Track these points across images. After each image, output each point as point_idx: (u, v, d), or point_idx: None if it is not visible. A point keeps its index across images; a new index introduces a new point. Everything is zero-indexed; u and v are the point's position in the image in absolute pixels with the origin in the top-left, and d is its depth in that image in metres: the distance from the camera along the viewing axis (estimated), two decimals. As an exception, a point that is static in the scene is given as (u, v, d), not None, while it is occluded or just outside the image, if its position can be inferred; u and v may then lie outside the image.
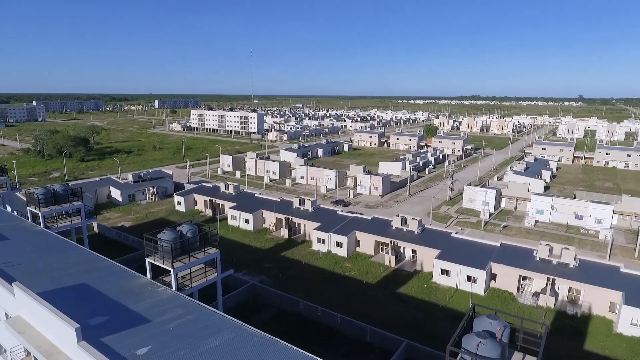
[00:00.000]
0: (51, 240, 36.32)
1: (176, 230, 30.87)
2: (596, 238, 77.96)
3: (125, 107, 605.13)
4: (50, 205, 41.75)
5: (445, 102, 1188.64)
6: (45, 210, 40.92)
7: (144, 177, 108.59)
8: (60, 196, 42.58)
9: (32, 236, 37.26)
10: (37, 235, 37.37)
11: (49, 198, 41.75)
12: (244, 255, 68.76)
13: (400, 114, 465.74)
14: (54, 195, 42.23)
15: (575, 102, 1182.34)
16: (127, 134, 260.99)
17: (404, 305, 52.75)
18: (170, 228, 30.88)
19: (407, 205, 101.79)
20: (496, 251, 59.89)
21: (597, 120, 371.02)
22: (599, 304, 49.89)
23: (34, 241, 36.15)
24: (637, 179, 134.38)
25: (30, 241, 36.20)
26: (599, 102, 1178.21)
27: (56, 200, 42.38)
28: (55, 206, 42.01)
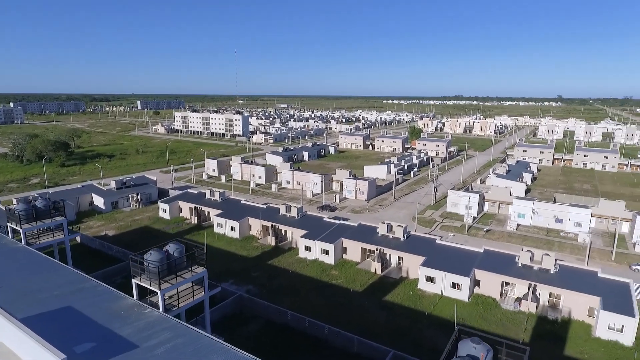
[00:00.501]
0: (33, 259, 35.63)
1: (162, 250, 30.68)
2: (575, 241, 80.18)
3: (106, 108, 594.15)
4: (31, 222, 40.88)
5: (429, 102, 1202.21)
6: (27, 226, 40.05)
7: (127, 183, 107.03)
8: (41, 212, 41.69)
9: (13, 254, 36.49)
10: (18, 254, 36.61)
11: (30, 214, 40.89)
12: (230, 264, 68.53)
13: (384, 115, 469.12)
14: (35, 210, 41.38)
15: (554, 102, 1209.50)
16: (109, 137, 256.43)
17: (390, 313, 53.40)
18: (156, 248, 30.67)
19: (392, 210, 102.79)
20: (480, 257, 61.11)
21: (575, 121, 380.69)
22: (578, 309, 51.44)
23: (15, 260, 35.42)
24: (613, 180, 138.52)
25: (11, 260, 35.46)
26: (577, 102, 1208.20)
27: (38, 215, 41.50)
28: (37, 222, 41.16)
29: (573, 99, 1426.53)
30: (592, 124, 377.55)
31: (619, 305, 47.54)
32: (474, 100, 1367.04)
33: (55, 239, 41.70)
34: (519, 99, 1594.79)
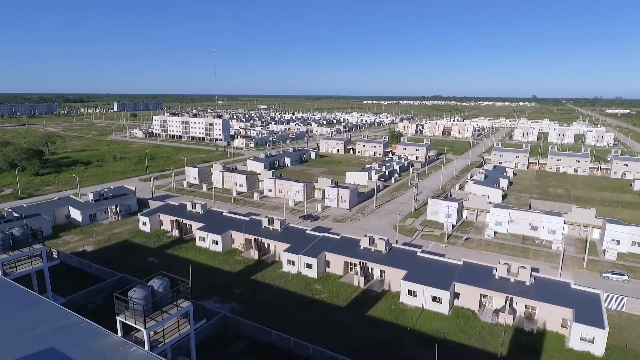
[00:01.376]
0: (12, 292, 34.87)
1: (147, 286, 30.59)
2: (549, 249, 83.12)
3: (81, 110, 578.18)
4: (8, 251, 39.92)
5: (409, 102, 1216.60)
6: (4, 256, 39.08)
7: (106, 194, 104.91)
8: (19, 240, 40.75)
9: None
10: None
11: (7, 243, 39.91)
12: (213, 280, 68.29)
13: (365, 117, 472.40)
14: (12, 239, 40.41)
15: (529, 102, 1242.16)
16: (85, 142, 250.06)
17: (373, 328, 54.37)
18: (141, 284, 30.54)
19: (374, 218, 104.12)
20: (459, 270, 62.80)
21: (549, 123, 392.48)
22: (552, 320, 53.58)
23: (-8, 294, 34.64)
24: (584, 184, 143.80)
25: (-12, 294, 34.65)
26: (551, 102, 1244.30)
27: (15, 244, 40.52)
28: (15, 251, 40.21)
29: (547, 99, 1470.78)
30: (565, 125, 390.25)
31: (590, 317, 49.77)
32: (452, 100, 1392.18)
33: (33, 267, 40.84)
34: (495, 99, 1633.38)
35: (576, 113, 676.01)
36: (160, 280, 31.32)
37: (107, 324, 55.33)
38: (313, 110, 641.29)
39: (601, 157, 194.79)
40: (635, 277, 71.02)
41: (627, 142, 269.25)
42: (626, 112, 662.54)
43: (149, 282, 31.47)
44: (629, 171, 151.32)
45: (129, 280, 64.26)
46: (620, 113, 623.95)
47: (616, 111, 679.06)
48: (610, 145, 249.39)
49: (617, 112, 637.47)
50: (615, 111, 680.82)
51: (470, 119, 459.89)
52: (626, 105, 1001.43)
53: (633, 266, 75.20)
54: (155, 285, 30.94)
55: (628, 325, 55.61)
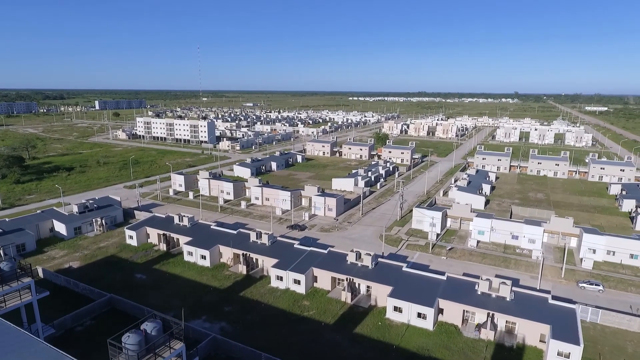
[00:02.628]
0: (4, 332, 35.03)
1: (140, 331, 31.15)
2: (529, 258, 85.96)
3: (61, 109, 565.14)
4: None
5: (394, 99, 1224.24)
6: (-7, 293, 39.21)
7: (90, 206, 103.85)
8: (8, 275, 40.73)
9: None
10: (-15, 326, 35.86)
11: (-5, 278, 39.99)
12: (203, 297, 68.81)
13: (351, 115, 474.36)
14: (0, 275, 40.38)
15: (511, 98, 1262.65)
16: (67, 145, 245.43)
17: (360, 347, 55.84)
18: (134, 330, 31.07)
19: (360, 227, 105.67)
20: (443, 285, 64.76)
21: (530, 121, 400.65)
22: (531, 335, 55.95)
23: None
24: (563, 188, 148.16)
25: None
26: (532, 98, 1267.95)
27: (3, 279, 40.50)
28: (3, 286, 40.22)
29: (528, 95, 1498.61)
30: (545, 123, 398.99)
31: (566, 334, 52.16)
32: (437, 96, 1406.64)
33: (22, 301, 40.88)
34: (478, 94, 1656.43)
35: (556, 110, 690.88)
36: (153, 323, 31.92)
37: (97, 346, 55.90)
38: (299, 109, 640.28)
39: (580, 159, 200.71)
40: (610, 287, 74.19)
41: (604, 142, 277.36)
42: (604, 109, 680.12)
43: (142, 326, 32.07)
44: (606, 174, 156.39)
45: (117, 300, 64.41)
46: (598, 111, 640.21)
47: (595, 108, 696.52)
48: (589, 146, 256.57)
49: (596, 110, 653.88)
50: (594, 108, 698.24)
51: (454, 117, 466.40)
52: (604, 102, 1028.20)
53: (608, 275, 78.45)
54: (148, 328, 31.54)
55: (602, 338, 58.36)
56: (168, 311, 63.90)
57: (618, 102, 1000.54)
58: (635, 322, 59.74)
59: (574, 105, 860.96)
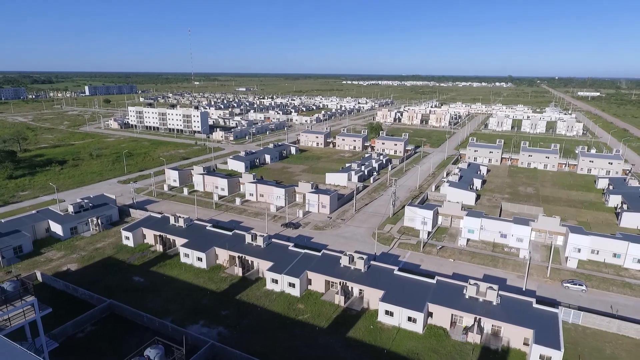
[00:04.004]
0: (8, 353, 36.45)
1: (143, 357, 32.76)
2: (517, 257, 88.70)
3: (50, 94, 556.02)
4: (1, 307, 41.20)
5: (388, 83, 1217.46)
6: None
7: (86, 205, 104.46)
8: (11, 295, 41.93)
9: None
10: None
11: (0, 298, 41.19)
12: (200, 301, 70.66)
13: (344, 102, 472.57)
14: (4, 295, 41.62)
15: (505, 82, 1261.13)
16: (58, 135, 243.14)
17: (353, 352, 58.23)
18: (138, 357, 32.65)
19: (354, 225, 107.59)
20: (433, 289, 67.15)
21: (523, 108, 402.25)
22: (516, 339, 58.72)
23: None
24: (553, 181, 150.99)
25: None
26: (526, 82, 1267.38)
27: (7, 299, 41.73)
28: (8, 306, 41.48)
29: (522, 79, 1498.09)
30: (538, 110, 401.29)
31: (548, 338, 54.91)
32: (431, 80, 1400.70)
33: (26, 319, 42.24)
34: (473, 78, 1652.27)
35: (549, 96, 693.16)
36: (155, 349, 33.56)
37: (98, 352, 57.77)
38: (292, 94, 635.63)
39: (570, 150, 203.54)
40: (592, 287, 77.21)
41: (595, 131, 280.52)
42: (596, 94, 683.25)
43: (145, 352, 33.71)
44: (594, 167, 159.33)
45: (117, 306, 66.02)
46: (590, 96, 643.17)
47: (587, 94, 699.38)
48: (580, 135, 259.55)
49: (588, 96, 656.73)
50: (587, 94, 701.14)
51: (448, 103, 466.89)
52: (597, 86, 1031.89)
53: (591, 275, 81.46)
54: (151, 355, 33.20)
55: (582, 340, 61.34)
56: (166, 316, 65.77)
57: (610, 87, 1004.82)
58: (614, 324, 62.71)
59: (567, 90, 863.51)
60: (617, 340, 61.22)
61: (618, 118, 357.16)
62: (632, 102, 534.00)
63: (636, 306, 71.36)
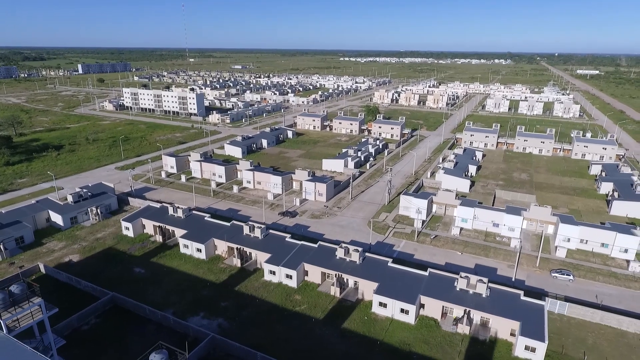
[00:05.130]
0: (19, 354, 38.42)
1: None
2: (508, 246, 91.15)
3: (43, 72, 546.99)
4: (9, 309, 42.88)
5: (386, 59, 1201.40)
6: (7, 316, 42.13)
7: (85, 195, 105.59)
8: (19, 297, 43.55)
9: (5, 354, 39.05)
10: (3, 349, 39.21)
11: (8, 302, 42.75)
12: (200, 293, 72.87)
13: (342, 81, 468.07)
14: (12, 298, 43.22)
15: (504, 59, 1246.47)
16: (53, 117, 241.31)
17: (348, 343, 60.89)
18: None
19: (350, 213, 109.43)
20: (425, 281, 69.54)
21: (522, 88, 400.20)
22: (503, 330, 61.47)
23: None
24: (547, 167, 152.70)
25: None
26: (526, 59, 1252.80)
27: (15, 302, 43.34)
28: (16, 308, 43.17)
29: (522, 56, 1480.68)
30: (536, 90, 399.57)
31: (533, 331, 57.60)
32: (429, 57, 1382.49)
33: (34, 319, 44.05)
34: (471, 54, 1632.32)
35: (548, 74, 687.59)
36: (160, 354, 35.49)
37: (104, 344, 60.23)
38: (289, 72, 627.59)
39: (566, 133, 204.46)
40: (579, 276, 79.94)
41: (592, 112, 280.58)
42: (595, 72, 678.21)
43: (150, 357, 35.65)
44: (588, 152, 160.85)
45: (119, 298, 68.16)
46: (589, 75, 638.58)
47: (586, 72, 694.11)
48: (576, 117, 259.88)
49: (587, 74, 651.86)
50: (586, 72, 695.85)
51: (445, 83, 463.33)
52: (597, 63, 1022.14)
53: (579, 264, 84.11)
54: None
55: (567, 330, 64.24)
56: (168, 308, 68.08)
57: (610, 64, 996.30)
58: (597, 315, 65.55)
59: (566, 68, 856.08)
60: (599, 330, 64.18)
61: (616, 99, 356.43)
62: (631, 81, 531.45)
63: (620, 295, 74.27)
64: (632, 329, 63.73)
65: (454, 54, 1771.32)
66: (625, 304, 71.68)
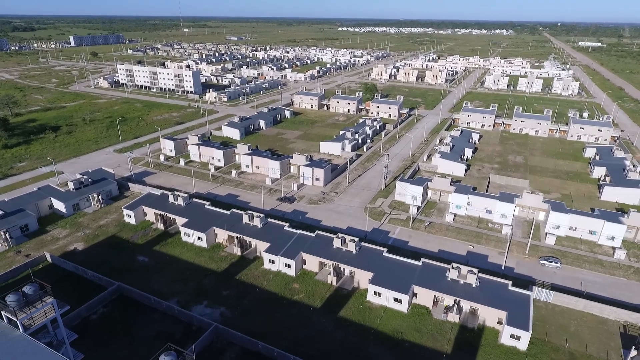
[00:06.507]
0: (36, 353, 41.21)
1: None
2: (500, 233, 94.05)
3: (34, 45, 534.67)
4: (24, 309, 45.35)
5: (385, 29, 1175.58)
6: (22, 315, 44.64)
7: (85, 181, 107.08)
8: (32, 298, 45.99)
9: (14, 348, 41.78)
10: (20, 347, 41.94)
11: (22, 302, 45.14)
12: (202, 281, 75.85)
13: (340, 55, 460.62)
14: (25, 298, 45.60)
15: (506, 29, 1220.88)
16: (48, 95, 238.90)
17: (344, 330, 64.35)
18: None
19: (347, 198, 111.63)
20: (418, 271, 72.57)
21: (522, 63, 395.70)
22: (490, 318, 64.95)
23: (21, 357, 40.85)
24: (543, 148, 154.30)
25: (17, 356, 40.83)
26: (528, 30, 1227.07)
27: (29, 302, 45.80)
28: (30, 308, 45.65)
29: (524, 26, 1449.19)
30: (537, 64, 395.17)
31: (519, 320, 61.02)
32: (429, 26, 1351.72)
33: (48, 317, 46.66)
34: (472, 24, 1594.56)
35: (550, 46, 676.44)
36: (169, 357, 38.20)
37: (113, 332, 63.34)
38: (286, 44, 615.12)
39: (563, 113, 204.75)
40: (567, 263, 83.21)
41: (591, 90, 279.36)
42: (597, 45, 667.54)
43: (160, 358, 38.39)
44: (584, 134, 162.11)
45: (125, 288, 71.06)
46: (591, 47, 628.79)
47: (588, 44, 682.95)
48: (575, 95, 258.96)
49: (589, 46, 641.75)
50: (588, 44, 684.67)
51: (445, 57, 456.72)
52: (599, 34, 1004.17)
53: (567, 251, 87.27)
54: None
55: (551, 317, 67.84)
56: (172, 297, 71.16)
57: (613, 35, 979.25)
58: (581, 303, 69.05)
59: (568, 39, 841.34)
60: (582, 318, 67.82)
61: (616, 74, 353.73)
62: (633, 54, 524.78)
63: (604, 283, 77.74)
64: (613, 316, 67.36)
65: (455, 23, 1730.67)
66: (609, 291, 75.19)
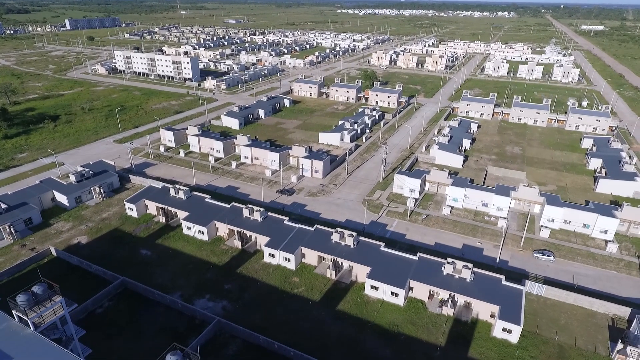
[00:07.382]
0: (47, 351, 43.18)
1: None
2: (495, 226, 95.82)
3: (29, 29, 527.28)
4: (34, 308, 47.11)
5: (385, 12, 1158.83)
6: (33, 314, 46.43)
7: (87, 174, 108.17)
8: (42, 297, 47.70)
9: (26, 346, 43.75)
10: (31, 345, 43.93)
11: (32, 302, 46.88)
12: (204, 275, 77.79)
13: (339, 39, 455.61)
14: (35, 297, 47.32)
15: (508, 12, 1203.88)
16: (46, 82, 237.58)
17: (342, 324, 66.58)
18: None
19: (345, 190, 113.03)
20: (415, 265, 74.51)
21: (523, 48, 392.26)
22: (484, 312, 67.18)
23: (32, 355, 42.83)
24: (540, 139, 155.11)
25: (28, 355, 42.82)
26: (530, 12, 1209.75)
27: (38, 301, 47.53)
28: (40, 307, 47.43)
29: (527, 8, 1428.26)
30: (538, 49, 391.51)
31: (510, 315, 63.21)
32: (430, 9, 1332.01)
33: (57, 315, 48.52)
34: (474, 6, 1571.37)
35: (552, 29, 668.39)
36: (175, 356, 40.10)
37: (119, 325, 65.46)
38: (284, 28, 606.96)
39: (562, 102, 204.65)
40: (560, 256, 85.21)
41: (591, 76, 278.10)
42: (600, 29, 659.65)
43: (166, 358, 40.29)
44: (582, 124, 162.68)
45: (129, 282, 73.00)
46: (593, 31, 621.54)
47: (590, 27, 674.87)
48: (575, 82, 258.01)
49: (591, 30, 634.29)
50: (590, 27, 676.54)
51: (446, 41, 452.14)
52: (603, 17, 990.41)
53: (561, 245, 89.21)
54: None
55: (542, 310, 70.10)
56: (175, 291, 73.18)
57: (616, 17, 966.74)
58: (571, 296, 71.26)
59: (571, 22, 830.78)
60: (572, 311, 70.10)
61: (617, 59, 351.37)
62: (635, 38, 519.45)
63: (596, 276, 79.87)
64: (602, 309, 69.65)
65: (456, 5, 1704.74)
66: (600, 284, 77.38)
